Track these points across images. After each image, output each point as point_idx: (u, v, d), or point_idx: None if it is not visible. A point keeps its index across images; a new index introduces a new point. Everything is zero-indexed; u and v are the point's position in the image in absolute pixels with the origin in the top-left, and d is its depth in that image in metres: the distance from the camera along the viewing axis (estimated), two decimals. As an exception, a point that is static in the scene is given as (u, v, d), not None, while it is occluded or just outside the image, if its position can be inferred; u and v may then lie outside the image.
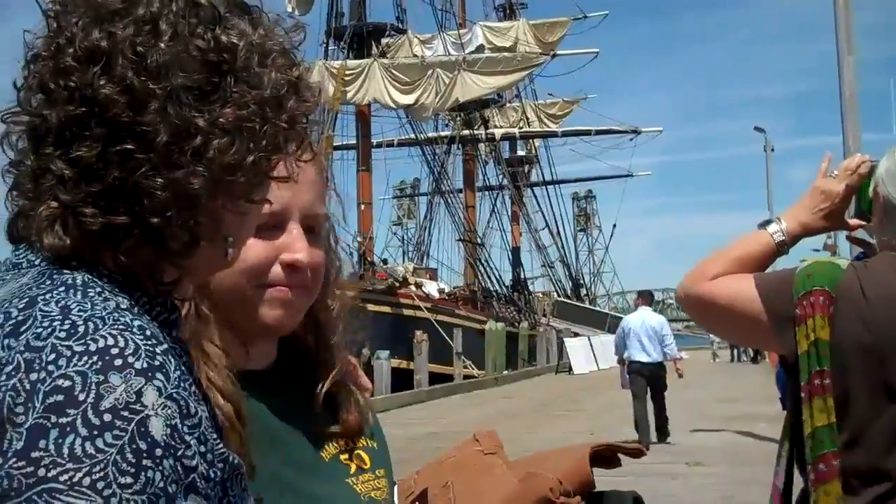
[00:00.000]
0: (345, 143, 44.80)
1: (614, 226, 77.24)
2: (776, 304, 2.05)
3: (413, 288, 35.06)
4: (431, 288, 39.26)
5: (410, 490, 1.63)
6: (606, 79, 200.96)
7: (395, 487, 1.57)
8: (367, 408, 1.56)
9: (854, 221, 2.23)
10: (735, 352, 46.03)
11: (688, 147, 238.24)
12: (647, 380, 14.03)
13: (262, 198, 1.04)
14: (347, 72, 40.61)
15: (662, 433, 14.13)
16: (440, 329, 32.14)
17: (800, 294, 2.01)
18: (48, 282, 0.94)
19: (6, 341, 0.87)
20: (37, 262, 0.97)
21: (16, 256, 0.99)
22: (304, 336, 1.51)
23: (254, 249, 1.38)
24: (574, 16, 50.80)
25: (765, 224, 2.28)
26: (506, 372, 34.09)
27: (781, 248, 2.24)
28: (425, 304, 34.22)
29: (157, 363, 0.87)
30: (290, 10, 42.92)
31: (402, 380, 26.17)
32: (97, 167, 0.91)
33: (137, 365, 0.85)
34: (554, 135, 59.34)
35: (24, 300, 0.91)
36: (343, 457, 1.48)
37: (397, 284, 34.29)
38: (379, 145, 48.57)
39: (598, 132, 58.34)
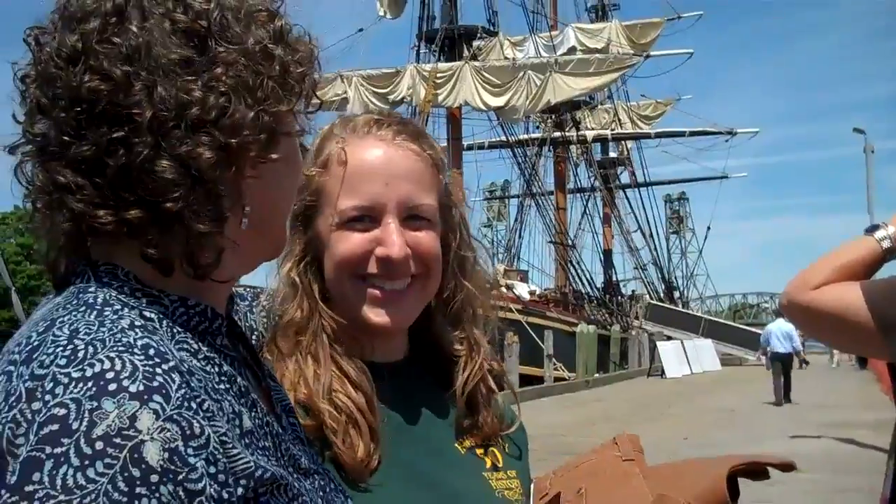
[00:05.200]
0: (436, 145, 44.84)
1: (708, 228, 74.36)
2: (884, 311, 2.02)
3: (504, 290, 34.95)
4: (522, 290, 39.12)
5: (545, 491, 1.63)
6: (701, 79, 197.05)
7: (532, 486, 1.56)
8: (505, 409, 1.56)
9: None
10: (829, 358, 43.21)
11: (785, 148, 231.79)
12: (782, 363, 22.80)
13: (278, 157, 1.01)
14: (439, 75, 40.84)
15: (787, 398, 22.06)
16: (531, 331, 32.02)
17: (908, 300, 1.98)
18: (74, 301, 0.94)
19: (19, 369, 0.87)
20: (75, 281, 0.98)
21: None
22: (433, 328, 1.51)
23: (348, 241, 1.39)
24: (668, 16, 50.23)
25: (871, 229, 2.23)
26: (597, 375, 33.76)
27: (889, 254, 2.20)
28: (516, 305, 34.10)
29: (155, 384, 0.85)
30: (381, 13, 43.50)
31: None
32: (99, 164, 0.91)
33: (132, 388, 0.83)
34: (647, 136, 58.56)
35: (46, 323, 0.92)
36: (479, 451, 1.48)
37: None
38: (469, 147, 48.77)
39: (692, 133, 57.46)
